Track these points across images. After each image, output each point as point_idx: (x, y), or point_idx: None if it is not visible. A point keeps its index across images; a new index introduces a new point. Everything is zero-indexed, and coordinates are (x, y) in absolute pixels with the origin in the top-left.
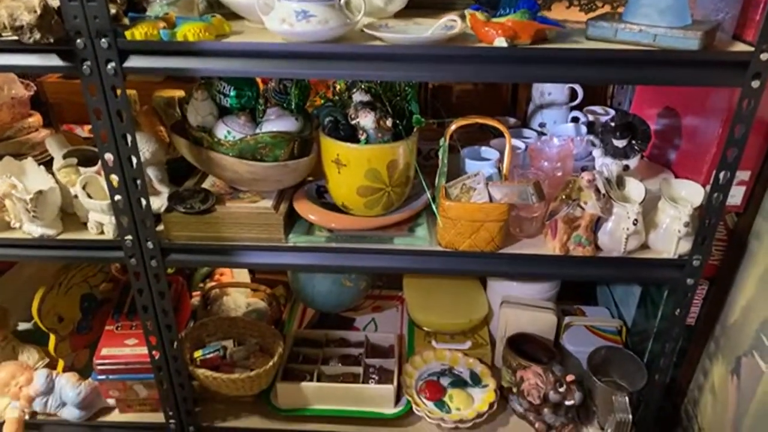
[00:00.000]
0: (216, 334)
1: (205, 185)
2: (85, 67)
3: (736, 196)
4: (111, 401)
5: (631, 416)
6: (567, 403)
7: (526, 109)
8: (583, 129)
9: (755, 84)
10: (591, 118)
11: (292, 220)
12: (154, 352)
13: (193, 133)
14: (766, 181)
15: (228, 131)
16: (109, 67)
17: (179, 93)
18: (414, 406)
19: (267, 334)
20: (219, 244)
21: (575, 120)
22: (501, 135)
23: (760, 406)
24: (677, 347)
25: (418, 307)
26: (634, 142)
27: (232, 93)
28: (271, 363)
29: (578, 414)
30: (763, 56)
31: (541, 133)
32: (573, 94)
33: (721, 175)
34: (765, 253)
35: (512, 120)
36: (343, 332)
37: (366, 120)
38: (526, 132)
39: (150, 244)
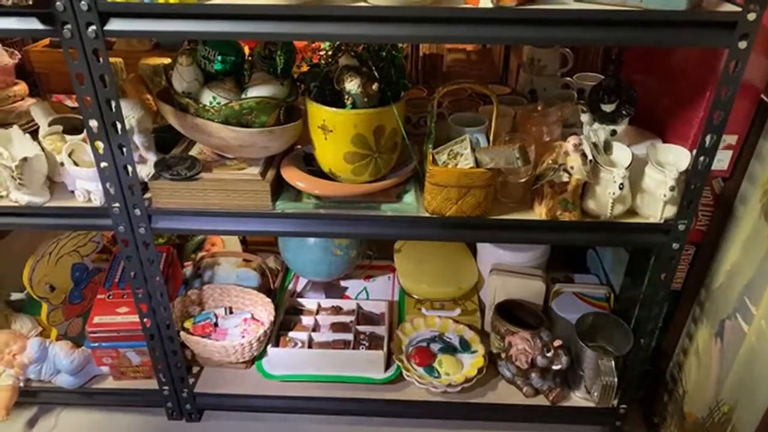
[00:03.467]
0: (207, 303)
1: (192, 153)
2: (65, 30)
3: (723, 160)
4: (104, 369)
5: (616, 380)
6: (554, 367)
7: (518, 77)
8: (574, 95)
9: (742, 45)
10: (582, 84)
11: (279, 187)
12: (145, 320)
13: (179, 99)
14: (752, 146)
15: (213, 97)
16: (89, 30)
17: (166, 61)
18: (404, 372)
19: (258, 302)
20: (206, 211)
21: (566, 87)
22: (491, 103)
23: (741, 368)
24: (663, 312)
25: (408, 276)
26: (621, 107)
27: (218, 58)
28: (262, 330)
29: (566, 378)
30: (751, 16)
31: (531, 100)
32: (564, 61)
33: (707, 138)
34: (750, 217)
35: (503, 88)
36: (335, 301)
37: (351, 84)
38: (517, 99)
39: (137, 211)
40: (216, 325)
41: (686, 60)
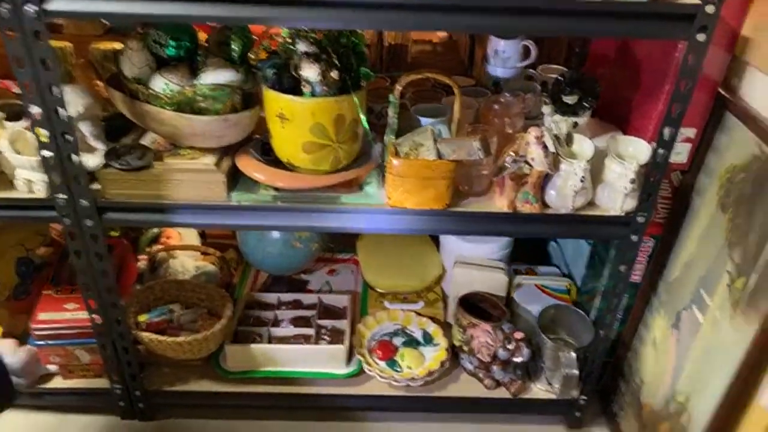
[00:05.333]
0: (163, 298)
1: (145, 142)
2: (2, 9)
3: (682, 153)
4: (52, 367)
5: (577, 372)
6: (516, 360)
7: (483, 69)
8: (537, 87)
9: (701, 37)
10: (546, 77)
11: (236, 177)
12: (94, 316)
13: (129, 85)
14: (710, 139)
15: (166, 83)
16: (27, 9)
17: (118, 46)
18: (365, 366)
19: (215, 297)
20: (158, 203)
21: (530, 78)
22: (454, 94)
23: (697, 359)
24: (622, 304)
25: (371, 269)
26: (583, 99)
27: (170, 43)
28: (218, 325)
29: (527, 370)
30: (709, 8)
31: (495, 92)
32: (527, 53)
33: (666, 131)
34: (707, 210)
35: (467, 79)
36: (297, 295)
37: (310, 72)
38: (480, 90)
39: (84, 203)
40: (171, 320)
41: (647, 53)
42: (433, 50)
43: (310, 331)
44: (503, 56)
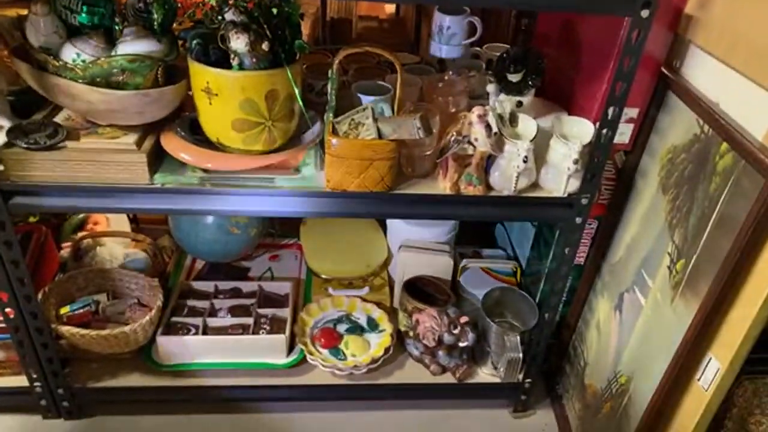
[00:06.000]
0: (87, 288)
1: (59, 119)
2: None
3: (625, 133)
4: None
5: (521, 355)
6: (461, 344)
7: (428, 46)
8: (482, 66)
9: (645, 13)
10: (491, 55)
11: (161, 157)
12: (7, 310)
13: (36, 55)
14: (652, 119)
15: (77, 54)
16: None
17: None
18: (308, 355)
19: (146, 286)
20: (73, 186)
21: (476, 57)
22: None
23: (638, 340)
24: (566, 286)
25: (315, 255)
26: (528, 77)
27: (83, 9)
28: (147, 317)
29: (473, 355)
30: None
31: (440, 70)
32: (473, 30)
33: (610, 110)
34: (649, 190)
35: (413, 56)
36: (236, 282)
37: (238, 43)
38: (425, 68)
39: None
40: (96, 312)
41: (592, 32)
42: (379, 26)
43: (249, 321)
44: (448, 32)
